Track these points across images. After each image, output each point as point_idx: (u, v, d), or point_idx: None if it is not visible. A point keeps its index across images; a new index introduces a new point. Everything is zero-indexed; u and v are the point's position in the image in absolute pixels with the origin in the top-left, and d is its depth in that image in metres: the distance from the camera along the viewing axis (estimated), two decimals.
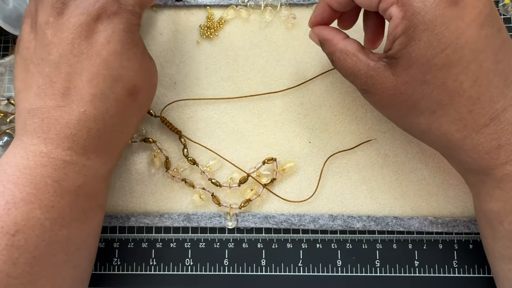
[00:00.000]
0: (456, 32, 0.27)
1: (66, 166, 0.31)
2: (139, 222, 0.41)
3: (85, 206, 0.33)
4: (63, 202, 0.31)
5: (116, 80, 0.31)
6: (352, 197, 0.41)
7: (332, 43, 0.34)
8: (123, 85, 0.32)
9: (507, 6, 0.43)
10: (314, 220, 0.40)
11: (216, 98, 0.42)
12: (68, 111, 0.30)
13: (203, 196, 0.41)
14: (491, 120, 0.29)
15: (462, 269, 0.40)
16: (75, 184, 0.31)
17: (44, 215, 0.30)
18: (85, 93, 0.30)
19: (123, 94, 0.32)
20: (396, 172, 0.41)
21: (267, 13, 0.43)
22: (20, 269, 0.30)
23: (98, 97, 0.31)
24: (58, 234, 0.31)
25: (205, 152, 0.42)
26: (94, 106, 0.31)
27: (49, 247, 0.31)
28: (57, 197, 0.31)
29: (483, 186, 0.33)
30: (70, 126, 0.30)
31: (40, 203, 0.30)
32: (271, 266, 0.41)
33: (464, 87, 0.28)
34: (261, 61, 0.43)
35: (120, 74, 0.31)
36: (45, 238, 0.30)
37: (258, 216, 0.40)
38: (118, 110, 0.32)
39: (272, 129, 0.42)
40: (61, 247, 0.32)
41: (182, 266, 0.41)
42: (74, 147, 0.31)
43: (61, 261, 0.32)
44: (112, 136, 0.33)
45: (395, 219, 0.40)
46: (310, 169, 0.41)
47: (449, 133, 0.31)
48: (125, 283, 0.41)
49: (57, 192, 0.31)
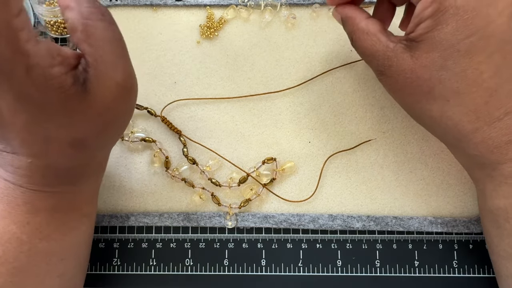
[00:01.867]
0: (486, 19, 0.27)
1: (33, 192, 0.29)
2: (139, 221, 0.41)
3: (65, 219, 0.32)
4: (38, 219, 0.30)
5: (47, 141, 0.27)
6: (351, 197, 0.41)
7: (355, 22, 0.33)
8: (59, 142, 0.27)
9: None
10: (314, 220, 0.40)
11: (216, 98, 0.42)
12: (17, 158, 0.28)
13: (202, 196, 0.41)
14: (505, 114, 0.29)
15: (462, 269, 0.40)
16: (48, 204, 0.30)
17: (20, 230, 0.30)
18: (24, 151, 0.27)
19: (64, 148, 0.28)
20: (396, 172, 0.41)
21: (267, 13, 0.43)
22: (2, 279, 0.30)
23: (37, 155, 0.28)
24: (37, 246, 0.31)
25: (205, 151, 0.42)
26: (38, 160, 0.28)
27: (30, 259, 0.30)
28: (31, 215, 0.30)
29: (490, 182, 0.32)
30: (23, 169, 0.28)
31: (15, 219, 0.30)
32: (271, 266, 0.40)
33: (484, 77, 0.28)
34: (261, 61, 0.43)
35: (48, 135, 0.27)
36: (23, 250, 0.30)
37: (258, 216, 0.40)
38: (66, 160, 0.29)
39: (272, 129, 0.42)
40: (43, 258, 0.31)
41: (182, 266, 0.41)
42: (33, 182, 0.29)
43: (44, 271, 0.32)
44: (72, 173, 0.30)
45: (394, 219, 0.40)
46: (310, 169, 0.41)
47: (460, 124, 0.30)
48: (125, 283, 0.41)
49: (30, 210, 0.30)
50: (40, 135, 0.26)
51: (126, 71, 0.28)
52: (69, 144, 0.27)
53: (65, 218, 0.32)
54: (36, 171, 0.28)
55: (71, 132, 0.27)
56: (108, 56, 0.27)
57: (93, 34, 0.26)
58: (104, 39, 0.26)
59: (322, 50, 0.43)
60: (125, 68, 0.28)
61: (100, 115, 0.27)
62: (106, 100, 0.27)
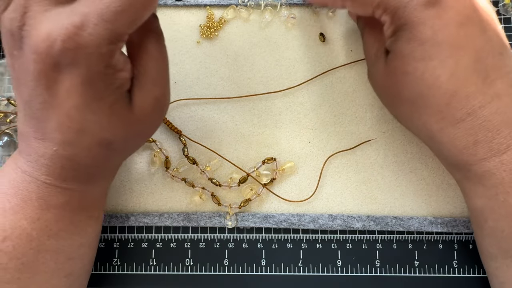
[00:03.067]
0: (433, 29, 0.29)
1: (47, 186, 0.30)
2: (139, 221, 0.41)
3: (73, 218, 0.33)
4: (49, 215, 0.31)
5: (82, 132, 0.28)
6: (351, 197, 0.41)
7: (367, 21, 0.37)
8: (91, 137, 0.29)
9: (507, 6, 0.43)
10: (314, 220, 0.40)
11: (216, 98, 0.42)
12: (43, 144, 0.29)
13: (203, 196, 0.41)
14: (467, 115, 0.30)
15: (462, 269, 0.40)
16: (60, 201, 0.31)
17: (30, 226, 0.30)
18: (55, 137, 0.29)
19: (92, 144, 0.29)
20: (396, 172, 0.41)
21: (267, 13, 0.43)
22: (10, 275, 0.30)
23: (66, 144, 0.29)
24: (46, 243, 0.31)
25: (205, 151, 0.42)
26: (63, 149, 0.29)
27: (38, 255, 0.31)
28: (42, 211, 0.31)
29: (467, 183, 0.33)
30: (46, 157, 0.29)
31: (26, 214, 0.30)
32: (271, 266, 0.40)
33: (441, 80, 0.30)
34: (261, 61, 0.43)
35: (85, 127, 0.28)
36: (32, 247, 0.31)
37: (258, 215, 0.40)
38: (89, 155, 0.30)
39: (272, 129, 0.42)
40: (51, 256, 0.32)
41: (182, 266, 0.41)
42: (51, 174, 0.30)
43: (52, 270, 0.32)
44: (88, 171, 0.31)
45: (394, 219, 0.40)
46: (310, 169, 0.41)
47: (428, 124, 0.32)
48: (125, 283, 0.41)
49: (42, 206, 0.31)
50: (78, 125, 0.28)
51: (164, 89, 0.31)
52: (98, 142, 0.29)
53: (74, 218, 0.33)
54: (57, 161, 0.29)
55: (104, 132, 0.29)
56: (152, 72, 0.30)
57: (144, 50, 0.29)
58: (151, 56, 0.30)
59: (322, 50, 0.43)
60: (164, 86, 0.31)
61: (134, 123, 0.30)
62: (143, 111, 0.30)
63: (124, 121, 0.29)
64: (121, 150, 0.32)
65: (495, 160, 0.30)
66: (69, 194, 0.32)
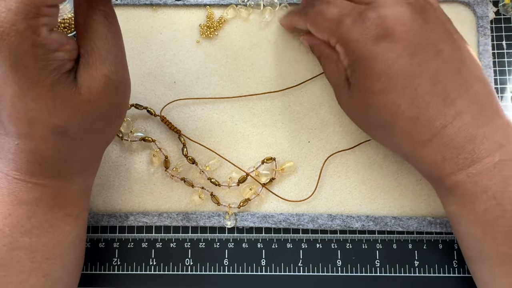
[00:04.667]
0: (387, 63, 0.31)
1: (17, 182, 0.30)
2: (138, 221, 0.41)
3: (47, 215, 0.32)
4: (20, 211, 0.31)
5: (31, 122, 0.28)
6: (351, 197, 0.41)
7: (320, 48, 0.38)
8: (42, 126, 0.28)
9: (507, 6, 0.43)
10: (313, 220, 0.40)
11: (216, 98, 0.42)
12: (6, 139, 0.29)
13: (202, 196, 0.41)
14: (433, 136, 0.32)
15: (462, 269, 0.40)
16: (31, 197, 0.31)
17: (2, 222, 0.30)
18: (11, 131, 0.28)
19: (47, 134, 0.28)
20: (395, 172, 0.41)
21: (267, 13, 0.43)
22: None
23: (23, 136, 0.28)
24: (19, 240, 0.31)
25: (204, 151, 0.42)
26: (24, 142, 0.29)
27: (12, 253, 0.31)
28: (14, 206, 0.31)
29: (440, 191, 0.35)
30: (11, 152, 0.29)
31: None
32: (271, 266, 0.40)
33: (403, 108, 0.31)
34: (261, 60, 0.43)
35: (33, 116, 0.27)
36: (5, 243, 0.31)
37: (257, 215, 0.40)
38: (50, 147, 0.29)
39: (271, 129, 0.42)
40: (25, 254, 0.32)
41: (182, 266, 0.41)
42: (18, 169, 0.30)
43: (28, 269, 0.32)
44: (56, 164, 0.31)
45: (394, 219, 0.40)
46: (309, 169, 0.41)
47: (400, 145, 0.34)
48: (125, 283, 0.41)
49: (13, 202, 0.31)
50: (25, 114, 0.27)
51: (114, 66, 0.29)
52: (51, 130, 0.28)
53: (48, 215, 0.32)
54: (22, 155, 0.29)
55: (54, 117, 0.28)
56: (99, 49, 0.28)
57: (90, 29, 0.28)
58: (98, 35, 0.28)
59: None
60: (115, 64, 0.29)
61: (84, 105, 0.28)
62: (91, 90, 0.28)
63: (72, 104, 0.28)
64: (81, 137, 0.30)
65: (462, 174, 0.32)
66: (40, 190, 0.31)
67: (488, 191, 0.31)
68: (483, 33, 0.42)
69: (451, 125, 0.31)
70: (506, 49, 0.43)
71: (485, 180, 0.31)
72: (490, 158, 0.31)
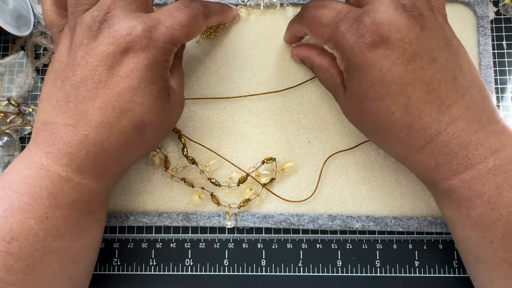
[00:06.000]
0: (382, 70, 0.31)
1: (61, 181, 0.31)
2: (138, 221, 0.41)
3: (79, 219, 0.33)
4: (57, 214, 0.32)
5: (124, 113, 0.32)
6: (351, 197, 0.41)
7: (310, 59, 0.40)
8: (130, 118, 0.32)
9: (507, 6, 0.43)
10: (313, 220, 0.40)
11: (216, 98, 0.42)
12: (73, 130, 0.31)
13: (202, 196, 0.41)
14: (426, 143, 0.32)
15: (462, 269, 0.40)
16: (70, 199, 0.32)
17: (38, 225, 0.31)
18: (92, 119, 0.31)
19: (128, 127, 0.32)
20: (396, 172, 0.41)
21: (267, 13, 0.43)
22: (14, 276, 0.30)
23: (103, 125, 0.31)
24: (51, 245, 0.32)
25: (205, 151, 0.42)
26: (97, 132, 0.31)
27: (43, 257, 0.31)
28: (51, 209, 0.31)
29: (436, 195, 0.36)
30: (71, 145, 0.31)
31: (35, 213, 0.31)
32: (271, 266, 0.40)
33: (396, 115, 0.31)
34: (261, 61, 0.43)
35: (130, 108, 0.32)
36: (38, 248, 0.31)
37: (257, 215, 0.40)
38: (119, 140, 0.32)
39: (272, 129, 0.42)
40: (55, 258, 0.32)
41: (182, 266, 0.41)
42: (71, 164, 0.31)
43: (55, 272, 0.32)
44: (108, 161, 0.33)
45: (394, 219, 0.40)
46: (309, 169, 0.41)
47: (395, 150, 0.34)
48: (125, 283, 0.41)
49: (52, 204, 0.31)
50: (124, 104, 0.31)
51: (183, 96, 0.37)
52: (135, 124, 0.32)
53: (79, 219, 0.33)
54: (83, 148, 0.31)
55: (144, 114, 0.32)
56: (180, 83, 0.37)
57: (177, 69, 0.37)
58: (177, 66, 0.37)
59: None
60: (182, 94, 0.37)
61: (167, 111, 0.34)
62: (175, 101, 0.35)
63: (163, 107, 0.33)
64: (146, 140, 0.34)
65: (456, 179, 0.32)
66: (79, 192, 0.32)
67: (482, 196, 0.31)
68: (483, 33, 0.42)
69: (445, 131, 0.31)
70: (506, 49, 0.43)
71: (479, 185, 0.31)
72: (484, 164, 0.31)
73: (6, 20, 0.42)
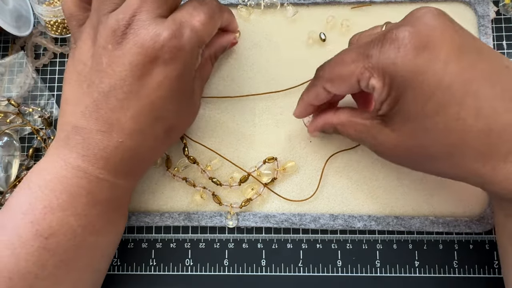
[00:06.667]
0: (437, 74, 0.27)
1: (98, 181, 0.32)
2: (140, 221, 0.41)
3: (111, 216, 0.35)
4: (94, 212, 0.33)
5: (157, 120, 0.32)
6: (353, 196, 0.41)
7: (328, 123, 0.36)
8: (162, 125, 0.33)
9: (507, 6, 0.43)
10: (315, 220, 0.40)
11: (217, 97, 0.42)
12: (107, 137, 0.32)
13: (203, 195, 0.41)
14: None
15: (463, 269, 0.40)
16: (105, 197, 0.33)
17: (77, 222, 0.32)
18: (126, 127, 0.32)
19: (160, 132, 0.33)
20: (397, 171, 0.41)
21: (267, 13, 0.43)
22: (47, 272, 0.31)
23: (137, 132, 0.32)
24: (87, 240, 0.33)
25: (206, 151, 0.42)
26: (131, 139, 0.32)
27: (77, 252, 0.32)
28: (89, 207, 0.32)
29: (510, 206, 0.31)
30: (107, 151, 0.32)
31: (74, 210, 0.32)
32: (271, 266, 0.40)
33: (469, 122, 0.27)
34: (262, 60, 0.43)
35: (162, 116, 0.33)
36: (75, 243, 0.32)
37: (259, 215, 0.40)
38: (151, 144, 0.34)
39: (273, 129, 0.42)
40: (87, 252, 0.33)
41: (182, 266, 0.41)
42: (107, 167, 0.32)
43: (85, 266, 0.34)
44: (140, 162, 0.35)
45: (396, 219, 0.40)
46: (311, 169, 0.41)
47: (473, 169, 0.29)
48: (125, 283, 0.41)
49: (89, 202, 0.32)
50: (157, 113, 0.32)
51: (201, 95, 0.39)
52: (167, 128, 0.34)
53: (112, 215, 0.35)
54: (118, 153, 0.32)
55: (175, 118, 0.34)
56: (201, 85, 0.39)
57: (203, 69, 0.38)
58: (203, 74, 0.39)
59: (322, 50, 0.43)
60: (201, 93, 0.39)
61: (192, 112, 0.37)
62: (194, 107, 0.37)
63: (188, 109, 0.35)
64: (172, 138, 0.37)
65: None
66: (114, 190, 0.34)
67: None
68: (484, 32, 0.42)
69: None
70: (507, 49, 0.43)
71: None
72: None
73: (6, 20, 0.42)
